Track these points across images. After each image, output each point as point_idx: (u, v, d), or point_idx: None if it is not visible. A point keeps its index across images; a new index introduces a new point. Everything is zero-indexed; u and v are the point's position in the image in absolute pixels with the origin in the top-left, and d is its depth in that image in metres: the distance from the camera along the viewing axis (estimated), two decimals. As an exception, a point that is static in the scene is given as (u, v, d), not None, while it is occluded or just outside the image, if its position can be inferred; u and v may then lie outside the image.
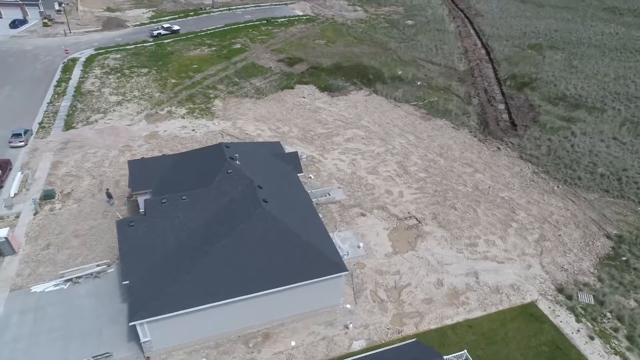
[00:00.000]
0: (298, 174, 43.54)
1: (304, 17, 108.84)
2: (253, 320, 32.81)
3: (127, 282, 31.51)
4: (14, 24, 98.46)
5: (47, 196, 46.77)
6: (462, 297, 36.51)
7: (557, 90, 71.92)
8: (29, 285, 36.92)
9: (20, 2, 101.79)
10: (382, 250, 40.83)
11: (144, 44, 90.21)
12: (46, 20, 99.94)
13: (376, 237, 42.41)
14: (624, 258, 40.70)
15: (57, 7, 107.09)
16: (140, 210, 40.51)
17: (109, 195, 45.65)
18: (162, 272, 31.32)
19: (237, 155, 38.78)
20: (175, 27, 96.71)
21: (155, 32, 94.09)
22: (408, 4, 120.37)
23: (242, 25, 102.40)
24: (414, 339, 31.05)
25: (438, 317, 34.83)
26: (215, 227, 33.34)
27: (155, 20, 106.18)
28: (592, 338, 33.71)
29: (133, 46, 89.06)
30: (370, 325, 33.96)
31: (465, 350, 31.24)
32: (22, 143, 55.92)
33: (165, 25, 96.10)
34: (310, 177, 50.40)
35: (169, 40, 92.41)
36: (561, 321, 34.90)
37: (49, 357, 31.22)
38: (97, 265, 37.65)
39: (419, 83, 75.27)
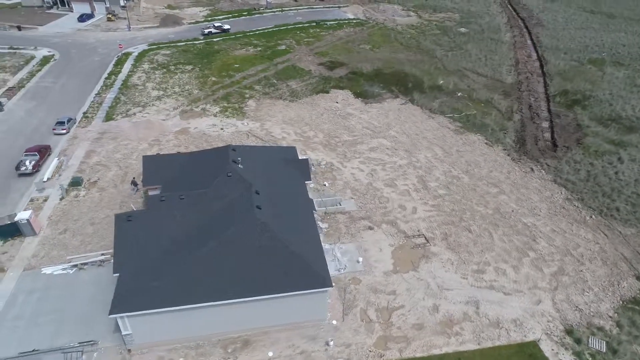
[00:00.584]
0: (306, 182, 43.08)
1: (354, 21, 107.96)
2: (234, 325, 32.85)
3: (117, 274, 32.60)
4: (82, 18, 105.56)
5: (75, 183, 49.58)
6: (457, 327, 34.44)
7: (611, 111, 66.18)
8: (40, 266, 39.29)
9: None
10: (382, 268, 39.47)
11: (194, 42, 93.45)
12: (110, 16, 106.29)
13: (379, 252, 41.08)
14: (652, 304, 36.68)
15: (122, 3, 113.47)
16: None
17: (134, 184, 47.61)
18: (151, 269, 32.09)
19: (239, 159, 39.01)
20: (226, 26, 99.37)
21: (206, 31, 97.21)
22: (465, 11, 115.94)
23: (291, 26, 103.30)
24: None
25: (426, 345, 33.08)
26: (206, 229, 33.73)
27: (209, 18, 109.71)
28: (595, 389, 30.68)
29: (183, 43, 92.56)
30: (353, 345, 32.89)
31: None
32: (64, 131, 59.73)
33: (216, 24, 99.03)
34: (325, 185, 49.78)
35: (218, 39, 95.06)
36: (563, 366, 32.05)
37: (41, 339, 32.94)
38: (102, 255, 39.36)
39: (459, 94, 72.22)
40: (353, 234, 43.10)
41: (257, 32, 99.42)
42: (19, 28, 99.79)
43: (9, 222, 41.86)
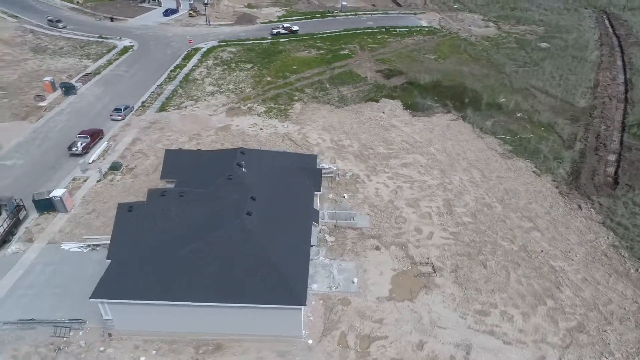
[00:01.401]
0: (316, 192, 42.17)
1: (426, 29, 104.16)
2: (208, 327, 33.05)
3: (109, 260, 34.29)
4: (167, 13, 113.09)
5: (114, 167, 53.10)
6: (438, 370, 31.75)
7: (698, 150, 57.16)
8: (62, 241, 42.57)
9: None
10: (377, 292, 37.50)
11: (261, 41, 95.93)
12: (191, 12, 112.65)
13: (378, 275, 39.09)
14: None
15: (205, 0, 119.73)
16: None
17: None
18: (138, 261, 33.32)
19: (243, 162, 39.16)
20: (295, 28, 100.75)
21: (275, 31, 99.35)
22: (552, 25, 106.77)
23: (360, 31, 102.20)
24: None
25: (398, 383, 30.89)
26: (195, 229, 34.28)
27: (283, 19, 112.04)
28: None
29: (251, 42, 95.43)
30: (321, 369, 31.66)
31: None
32: (120, 117, 64.29)
33: (285, 25, 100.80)
34: (344, 197, 48.48)
35: (285, 39, 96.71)
36: None
37: (42, 309, 35.51)
38: (113, 239, 41.63)
39: (518, 115, 66.65)
40: (357, 252, 41.46)
41: (325, 35, 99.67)
42: (112, 19, 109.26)
43: (45, 197, 45.84)
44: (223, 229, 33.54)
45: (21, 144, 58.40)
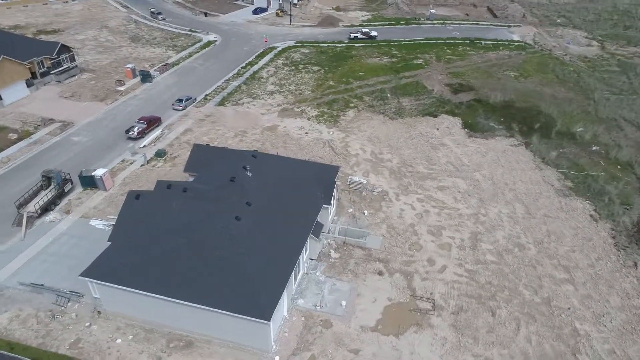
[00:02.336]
0: (325, 205, 40.79)
1: (515, 43, 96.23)
2: (182, 324, 33.54)
3: (109, 242, 36.33)
4: (256, 11, 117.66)
5: (159, 154, 56.34)
6: (401, 419, 28.94)
7: None
8: (92, 217, 46.10)
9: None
10: (363, 320, 35.28)
11: (337, 45, 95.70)
12: (278, 11, 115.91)
13: (371, 303, 36.76)
14: None
15: (295, 0, 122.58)
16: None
17: None
18: (132, 248, 34.78)
19: (248, 166, 39.01)
20: (373, 33, 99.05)
21: (352, 35, 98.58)
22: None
23: (442, 41, 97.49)
24: None
25: (352, 423, 28.70)
26: (187, 226, 34.81)
27: (365, 23, 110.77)
28: None
29: (326, 45, 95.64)
30: (278, 389, 30.53)
31: None
32: (180, 108, 68.06)
33: (364, 30, 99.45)
34: (364, 214, 46.43)
35: (361, 44, 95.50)
36: None
37: (53, 277, 38.62)
38: (132, 222, 44.07)
39: (593, 148, 58.75)
40: (357, 274, 39.40)
41: (403, 43, 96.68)
42: (206, 14, 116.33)
43: (89, 175, 49.99)
44: (209, 230, 33.79)
45: (91, 123, 64.36)
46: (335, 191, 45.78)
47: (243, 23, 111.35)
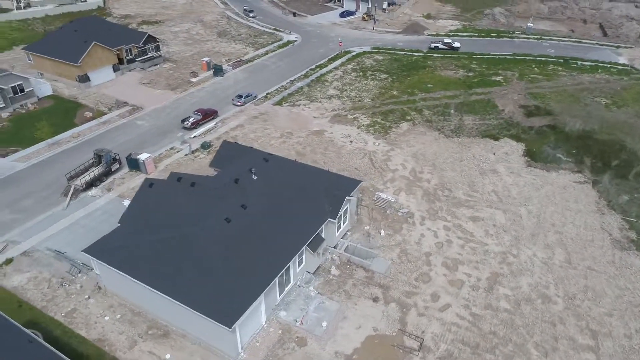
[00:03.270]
0: (331, 219, 39.28)
1: (618, 67, 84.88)
2: (162, 314, 34.50)
3: (119, 224, 38.59)
4: (343, 14, 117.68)
5: (203, 146, 58.73)
6: None
7: None
8: (126, 197, 49.40)
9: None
10: (340, 346, 33.41)
11: (414, 53, 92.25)
12: (365, 15, 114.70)
13: (354, 329, 34.71)
14: None
15: (385, 5, 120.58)
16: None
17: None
18: (132, 233, 36.58)
19: (254, 169, 38.79)
20: (456, 44, 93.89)
21: (432, 45, 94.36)
22: None
23: (531, 58, 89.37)
24: None
25: None
26: (183, 220, 35.70)
27: (452, 33, 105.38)
28: None
29: (403, 53, 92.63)
30: (230, 398, 30.06)
31: None
32: (239, 104, 70.35)
33: (446, 40, 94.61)
34: (380, 234, 44.07)
35: (439, 55, 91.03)
36: None
37: (76, 247, 40.99)
38: (155, 207, 46.42)
39: (678, 198, 49.74)
40: (351, 296, 37.48)
41: (486, 57, 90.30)
42: (294, 14, 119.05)
43: (134, 158, 53.68)
44: (199, 227, 34.31)
45: (157, 110, 69.11)
46: (353, 206, 44.21)
47: (327, 25, 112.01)
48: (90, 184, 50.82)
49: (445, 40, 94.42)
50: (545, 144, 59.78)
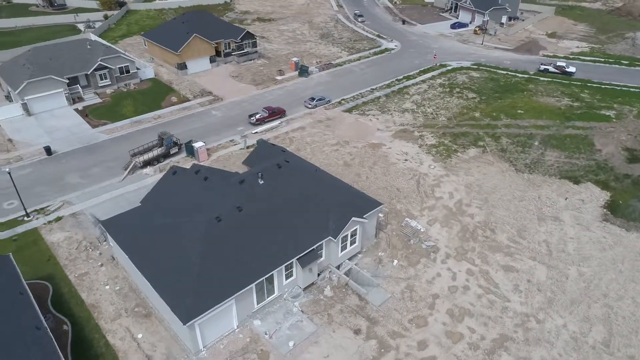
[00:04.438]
0: (331, 238, 37.46)
1: None
2: (149, 295, 36.19)
3: (140, 204, 41.47)
4: (454, 25, 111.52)
5: (259, 142, 60.30)
6: None
7: None
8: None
9: (474, 9, 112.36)
10: (300, 371, 31.85)
11: (517, 74, 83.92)
12: (477, 29, 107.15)
13: (322, 357, 32.70)
14: None
15: (503, 19, 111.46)
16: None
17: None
18: (145, 214, 38.92)
19: (261, 174, 38.37)
20: (571, 69, 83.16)
21: (542, 67, 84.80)
22: None
23: (663, 93, 75.25)
24: None
25: None
26: (183, 212, 36.89)
27: (574, 56, 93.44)
28: None
29: (504, 72, 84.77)
30: (174, 393, 30.44)
31: None
32: (310, 106, 70.81)
33: (558, 64, 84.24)
34: (392, 263, 40.93)
35: (547, 79, 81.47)
36: None
37: (115, 212, 44.68)
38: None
39: None
40: (333, 322, 35.38)
41: (604, 87, 78.64)
42: (404, 22, 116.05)
43: (191, 144, 57.21)
44: (192, 222, 35.23)
45: (234, 102, 72.74)
46: (371, 228, 41.78)
47: (434, 35, 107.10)
48: (148, 163, 55.36)
49: (558, 63, 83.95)
50: (637, 197, 49.91)
